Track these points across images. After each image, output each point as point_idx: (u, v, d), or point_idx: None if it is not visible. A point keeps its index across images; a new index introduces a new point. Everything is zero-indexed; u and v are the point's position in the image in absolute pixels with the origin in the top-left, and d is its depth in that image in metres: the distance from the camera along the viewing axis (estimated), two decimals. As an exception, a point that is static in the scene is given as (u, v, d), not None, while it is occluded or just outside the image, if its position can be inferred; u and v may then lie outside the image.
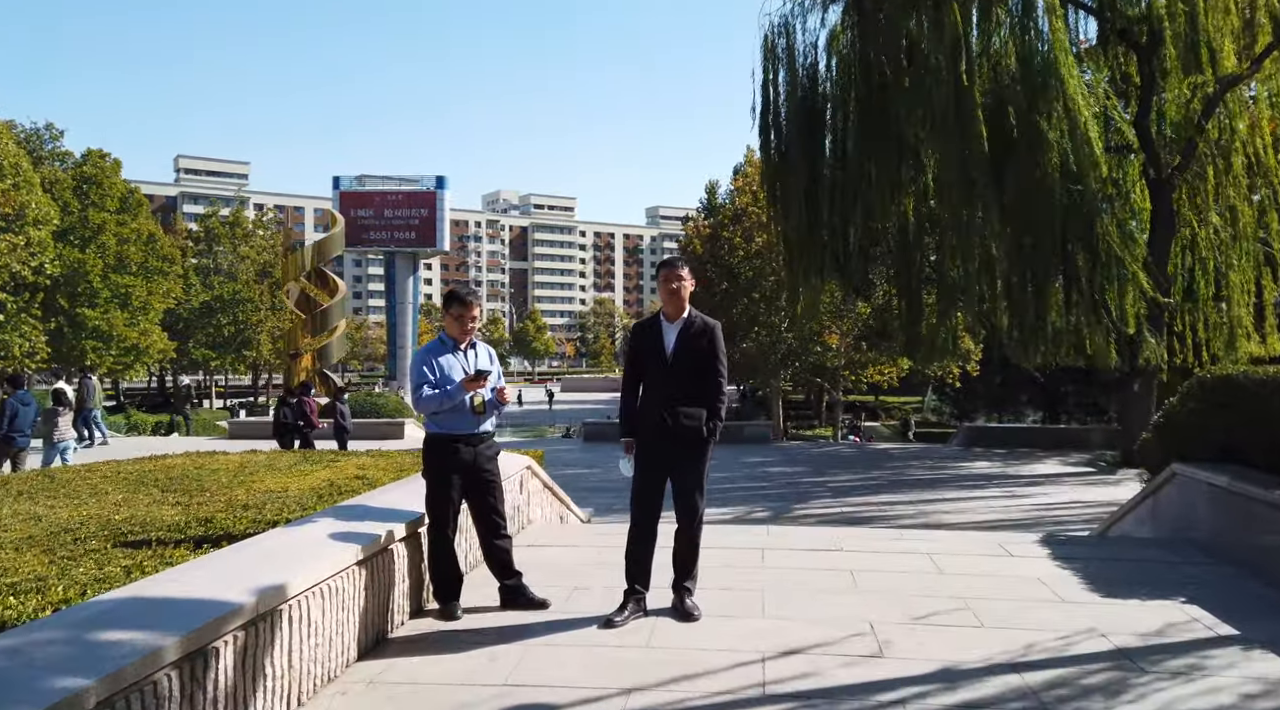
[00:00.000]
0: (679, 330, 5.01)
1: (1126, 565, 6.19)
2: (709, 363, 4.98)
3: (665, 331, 5.04)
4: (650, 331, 5.09)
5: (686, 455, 4.97)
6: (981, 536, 7.37)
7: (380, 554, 4.60)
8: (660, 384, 4.98)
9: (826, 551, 6.57)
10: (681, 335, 4.99)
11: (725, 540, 6.90)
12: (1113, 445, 20.54)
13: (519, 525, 7.22)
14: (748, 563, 6.23)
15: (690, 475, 5.01)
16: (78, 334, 45.83)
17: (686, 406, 4.92)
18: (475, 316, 5.16)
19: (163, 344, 50.39)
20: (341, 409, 18.11)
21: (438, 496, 4.96)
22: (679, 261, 5.11)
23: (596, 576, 5.75)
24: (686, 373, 4.95)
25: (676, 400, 4.92)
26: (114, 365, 48.22)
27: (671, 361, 4.96)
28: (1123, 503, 13.89)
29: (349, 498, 5.95)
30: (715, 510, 13.19)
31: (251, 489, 6.52)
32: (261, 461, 8.38)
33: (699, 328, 5.01)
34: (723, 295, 38.25)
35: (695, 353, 4.96)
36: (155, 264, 50.34)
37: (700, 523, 5.10)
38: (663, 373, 4.98)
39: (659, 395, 4.97)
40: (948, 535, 7.66)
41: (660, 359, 4.98)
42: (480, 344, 5.22)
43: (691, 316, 5.04)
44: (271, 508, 5.64)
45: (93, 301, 46.52)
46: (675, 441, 4.93)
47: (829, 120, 19.53)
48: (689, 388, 4.95)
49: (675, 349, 4.97)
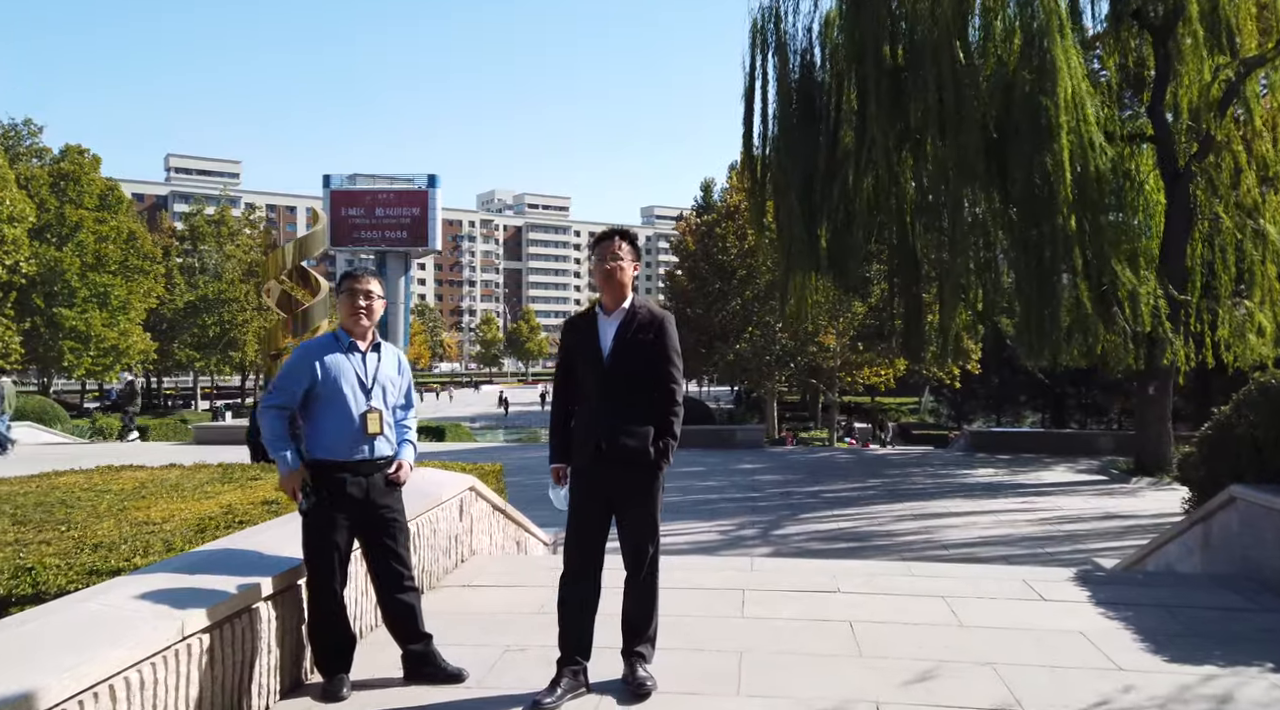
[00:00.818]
0: (618, 325, 3.91)
1: (1186, 614, 5.08)
2: (658, 365, 3.87)
3: (602, 327, 3.94)
4: (584, 328, 3.99)
5: (631, 485, 3.87)
6: (1005, 573, 6.26)
7: (234, 619, 3.49)
8: (597, 394, 3.88)
9: (821, 594, 5.46)
10: (622, 331, 3.89)
11: (700, 578, 5.80)
12: (1124, 450, 19.47)
13: (458, 558, 6.11)
14: (725, 610, 5.12)
15: (638, 511, 3.90)
16: (55, 334, 44.68)
17: (630, 423, 3.82)
18: (373, 297, 3.98)
19: (144, 344, 49.15)
20: None
21: (317, 542, 3.84)
22: (616, 234, 4.00)
23: (539, 631, 4.63)
24: (629, 379, 3.85)
25: (617, 415, 3.83)
26: (92, 367, 46.98)
27: (609, 365, 3.86)
28: (1144, 514, 12.96)
29: (237, 531, 4.85)
30: (701, 525, 12.10)
31: (125, 519, 5.39)
32: (171, 479, 7.25)
33: (644, 320, 3.90)
34: (716, 294, 37.25)
35: (640, 353, 3.86)
36: (136, 262, 49.12)
37: (654, 571, 3.98)
38: (599, 380, 3.87)
39: (596, 409, 3.88)
40: (965, 571, 6.55)
41: (596, 362, 3.88)
42: (388, 348, 4.09)
43: (635, 307, 3.94)
44: (127, 549, 4.52)
45: (70, 301, 45.37)
46: (616, 468, 3.84)
47: (822, 109, 18.42)
48: (633, 398, 3.84)
49: (614, 349, 3.87)
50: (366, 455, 3.87)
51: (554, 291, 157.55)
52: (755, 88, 18.66)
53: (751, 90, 18.69)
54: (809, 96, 18.35)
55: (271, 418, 3.82)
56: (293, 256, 43.78)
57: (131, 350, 48.34)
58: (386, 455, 3.96)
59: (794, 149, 18.07)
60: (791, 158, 18.04)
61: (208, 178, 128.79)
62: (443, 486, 5.97)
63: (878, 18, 17.04)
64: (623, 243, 3.96)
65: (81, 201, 47.04)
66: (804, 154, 17.94)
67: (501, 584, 5.75)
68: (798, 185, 17.83)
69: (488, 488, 6.94)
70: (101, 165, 49.63)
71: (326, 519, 3.82)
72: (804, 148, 18.07)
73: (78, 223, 46.14)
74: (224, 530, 5.03)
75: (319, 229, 45.79)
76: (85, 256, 46.02)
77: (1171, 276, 16.45)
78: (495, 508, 7.10)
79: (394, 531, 3.99)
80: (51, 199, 45.81)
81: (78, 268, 45.33)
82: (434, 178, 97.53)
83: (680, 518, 12.61)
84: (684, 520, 12.43)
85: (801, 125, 18.21)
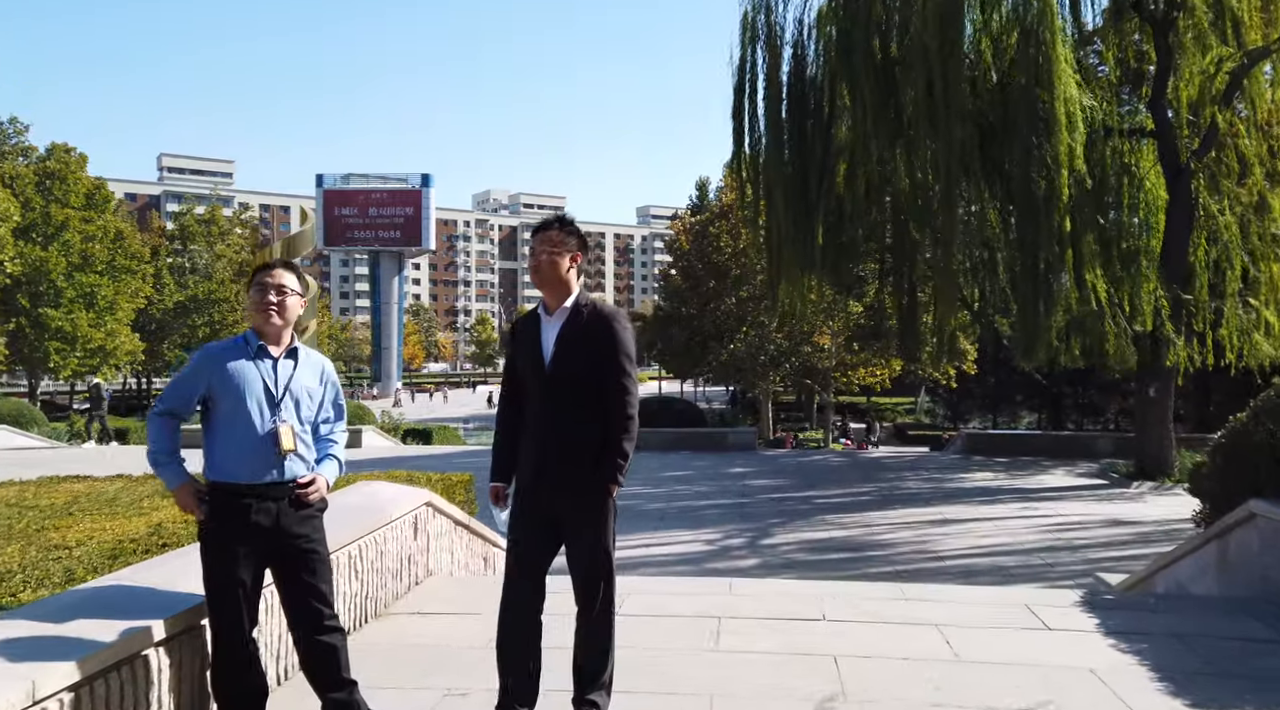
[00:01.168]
0: (560, 326, 3.42)
1: (1205, 646, 4.60)
2: (607, 372, 3.37)
3: (545, 330, 3.45)
4: (527, 331, 3.51)
5: (577, 510, 3.39)
6: (1005, 597, 5.77)
7: (113, 671, 3.00)
8: (539, 404, 3.42)
9: (804, 623, 4.98)
10: (565, 333, 3.40)
11: (671, 605, 5.31)
12: (1123, 453, 18.98)
13: (411, 581, 5.62)
14: (696, 643, 4.63)
15: (585, 539, 3.41)
16: (40, 335, 44.15)
17: (574, 439, 3.35)
18: (287, 292, 3.41)
19: (131, 345, 48.58)
20: None
21: (220, 579, 3.33)
22: (555, 222, 3.50)
23: (486, 670, 4.09)
24: (574, 387, 3.37)
25: (562, 429, 3.36)
26: (79, 368, 46.37)
27: (551, 372, 3.38)
28: (1148, 520, 12.46)
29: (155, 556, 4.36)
30: (687, 534, 11.61)
31: (38, 542, 4.90)
32: (110, 493, 6.77)
33: (589, 320, 3.40)
34: (710, 293, 36.80)
35: (585, 357, 3.36)
36: (123, 262, 48.53)
37: (608, 607, 3.48)
38: (542, 388, 3.40)
39: (538, 421, 3.41)
40: (961, 594, 6.06)
41: (538, 369, 3.41)
42: (308, 353, 3.55)
43: (579, 305, 3.44)
44: (19, 581, 4.04)
45: (56, 301, 44.81)
46: (561, 492, 3.37)
47: (814, 103, 17.92)
48: (579, 409, 3.36)
49: (556, 353, 3.39)
50: (275, 478, 3.36)
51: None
52: (745, 81, 18.15)
53: (742, 84, 18.19)
54: (800, 90, 17.85)
55: (158, 426, 3.32)
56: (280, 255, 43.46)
57: (119, 351, 47.77)
58: (300, 477, 3.45)
59: (785, 144, 17.58)
60: (783, 153, 17.54)
61: (201, 177, 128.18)
62: (393, 503, 5.48)
63: (871, 10, 16.55)
64: (561, 231, 3.46)
65: (68, 200, 46.42)
66: (795, 149, 17.45)
67: (455, 610, 5.25)
68: (789, 181, 17.34)
69: (448, 502, 6.45)
70: (88, 164, 49.01)
71: (229, 552, 3.32)
72: (795, 143, 17.58)
73: (64, 222, 45.54)
74: (141, 555, 4.55)
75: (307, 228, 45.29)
76: (71, 256, 45.44)
77: (1173, 275, 15.99)
78: (458, 523, 6.61)
79: (312, 564, 3.48)
80: (37, 198, 45.23)
81: (64, 267, 44.77)
82: (428, 177, 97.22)
83: (665, 526, 12.12)
84: (669, 529, 11.94)
85: (793, 120, 17.72)
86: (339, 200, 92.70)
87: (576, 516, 3.39)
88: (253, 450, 3.33)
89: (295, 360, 3.50)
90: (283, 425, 3.38)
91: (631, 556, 10.24)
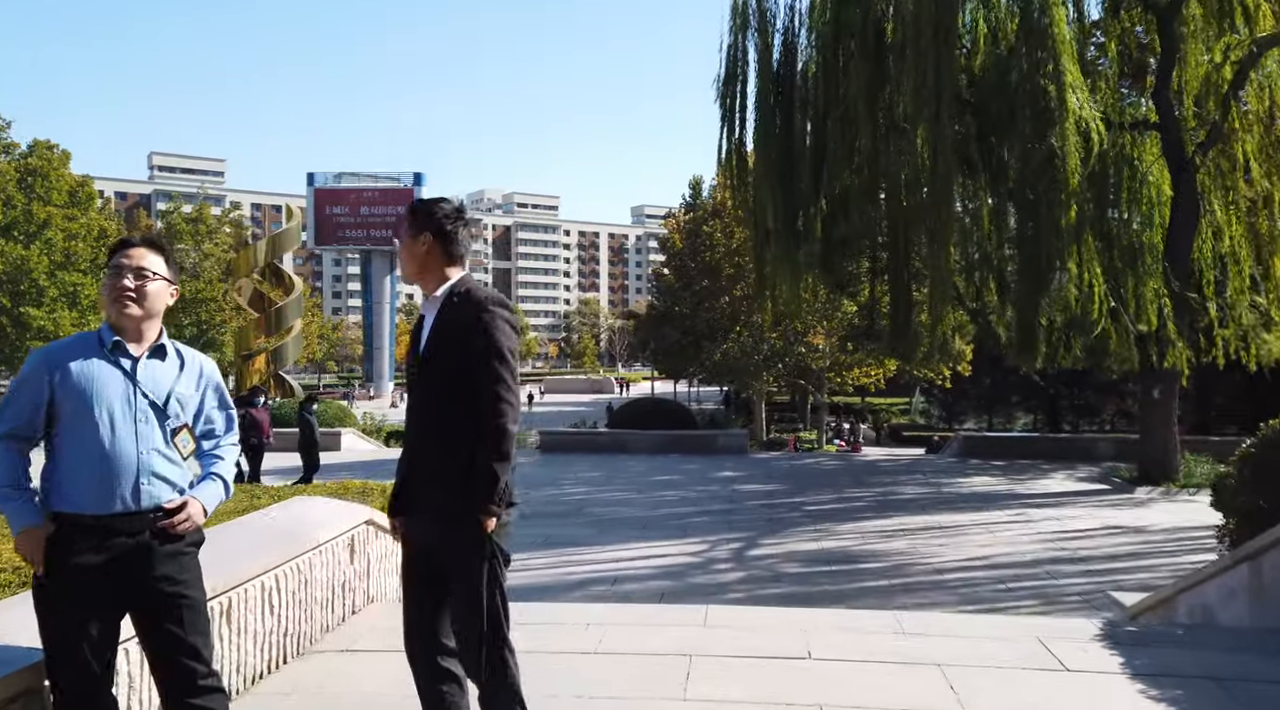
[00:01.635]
0: (433, 317, 2.94)
1: (1247, 693, 3.99)
2: (477, 368, 2.79)
3: (425, 319, 2.99)
4: (418, 321, 3.06)
5: (447, 549, 2.82)
6: (1013, 628, 5.14)
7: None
8: (412, 399, 2.97)
9: (786, 661, 4.36)
10: (436, 324, 2.91)
11: (640, 639, 4.69)
12: (1124, 457, 18.41)
13: (345, 611, 4.99)
14: (664, 688, 4.00)
15: (455, 585, 2.83)
16: (22, 334, 43.51)
17: (432, 452, 2.85)
18: (147, 276, 2.76)
19: (116, 345, 47.95)
20: (309, 420, 15.93)
21: (58, 632, 2.69)
22: (419, 205, 3.04)
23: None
24: (444, 386, 2.85)
25: (425, 437, 2.89)
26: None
27: (421, 366, 2.92)
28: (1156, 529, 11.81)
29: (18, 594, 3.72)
30: (669, 545, 10.99)
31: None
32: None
33: (458, 307, 2.88)
34: (704, 292, 36.19)
35: (452, 349, 2.83)
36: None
37: (502, 673, 2.83)
38: (414, 385, 2.97)
39: (410, 415, 2.99)
40: (964, 625, 5.43)
41: (413, 362, 2.97)
42: (183, 352, 2.90)
43: (452, 291, 2.92)
44: None
45: (39, 300, 44.18)
46: (425, 515, 2.88)
47: (807, 93, 17.31)
48: (449, 412, 2.82)
49: (427, 344, 2.92)
50: (130, 506, 2.72)
51: (544, 291, 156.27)
52: (736, 71, 17.54)
53: (732, 74, 17.57)
54: (792, 80, 17.26)
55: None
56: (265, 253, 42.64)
57: (103, 351, 47.14)
58: (164, 504, 2.80)
59: (776, 136, 16.98)
60: (774, 145, 16.94)
61: (192, 176, 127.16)
62: (323, 524, 4.85)
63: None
64: (411, 216, 3.01)
65: (50, 198, 45.79)
66: (785, 140, 16.85)
67: (391, 647, 4.57)
68: (780, 175, 16.73)
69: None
70: (72, 161, 48.34)
71: (71, 598, 2.68)
72: (787, 135, 16.98)
73: (46, 220, 44.91)
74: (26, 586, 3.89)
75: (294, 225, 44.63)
76: (54, 255, 44.81)
77: (1178, 272, 15.43)
78: (408, 541, 5.97)
79: (178, 612, 2.81)
80: (19, 195, 44.65)
81: (46, 266, 44.14)
82: (420, 176, 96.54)
83: (649, 536, 11.51)
84: (652, 539, 11.32)
85: (784, 111, 17.12)
86: (330, 199, 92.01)
87: (446, 555, 2.84)
88: (102, 473, 2.68)
89: (163, 359, 2.86)
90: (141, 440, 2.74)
91: (609, 569, 9.64)
